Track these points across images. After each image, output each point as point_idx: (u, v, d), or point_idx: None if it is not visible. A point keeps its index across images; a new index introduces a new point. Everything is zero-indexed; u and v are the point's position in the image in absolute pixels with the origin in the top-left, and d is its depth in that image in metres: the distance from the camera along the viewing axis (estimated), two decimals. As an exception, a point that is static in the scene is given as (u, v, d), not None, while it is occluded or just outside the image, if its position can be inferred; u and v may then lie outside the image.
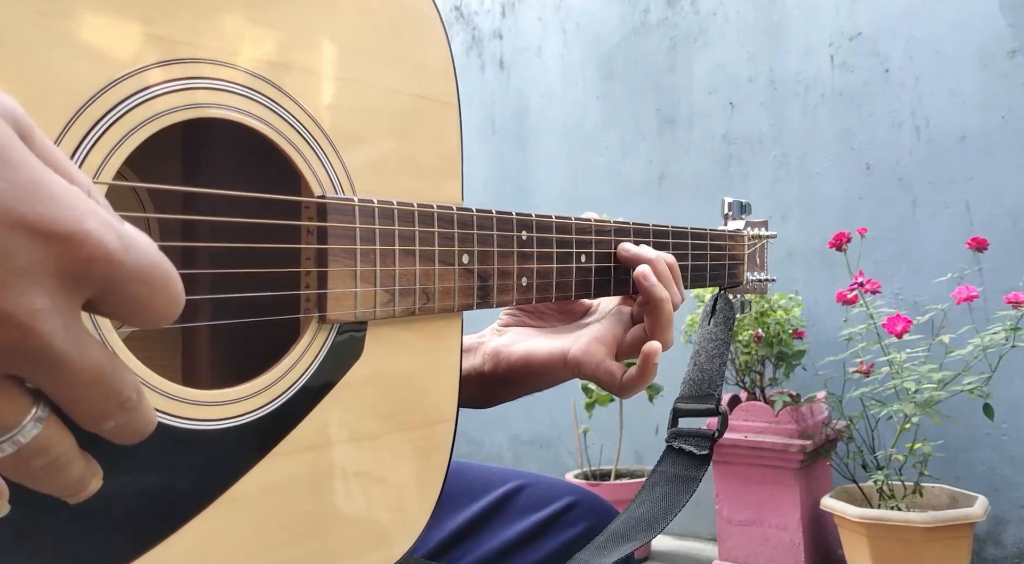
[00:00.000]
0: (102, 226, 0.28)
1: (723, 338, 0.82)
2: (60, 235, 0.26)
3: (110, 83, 0.40)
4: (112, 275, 0.28)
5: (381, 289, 0.52)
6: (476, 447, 3.04)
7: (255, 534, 0.46)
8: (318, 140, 0.49)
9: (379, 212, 0.52)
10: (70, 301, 0.28)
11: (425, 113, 0.56)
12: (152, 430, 0.32)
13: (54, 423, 0.29)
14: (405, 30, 0.55)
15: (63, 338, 0.27)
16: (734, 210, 0.92)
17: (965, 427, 2.04)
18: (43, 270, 0.26)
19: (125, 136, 0.41)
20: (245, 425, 0.46)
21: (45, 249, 0.26)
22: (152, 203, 0.57)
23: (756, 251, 0.90)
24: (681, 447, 0.77)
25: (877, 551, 1.82)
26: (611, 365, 0.69)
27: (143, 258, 0.29)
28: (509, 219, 0.61)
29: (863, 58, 2.30)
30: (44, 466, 0.29)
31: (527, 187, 2.96)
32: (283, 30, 0.48)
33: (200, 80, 0.44)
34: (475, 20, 3.10)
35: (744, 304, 0.92)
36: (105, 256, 0.27)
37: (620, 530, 0.70)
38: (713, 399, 0.78)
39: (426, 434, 0.56)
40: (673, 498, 0.72)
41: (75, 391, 0.29)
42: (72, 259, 0.27)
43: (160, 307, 0.30)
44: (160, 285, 0.30)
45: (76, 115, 0.39)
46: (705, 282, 0.83)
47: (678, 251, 0.78)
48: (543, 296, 0.65)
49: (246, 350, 0.54)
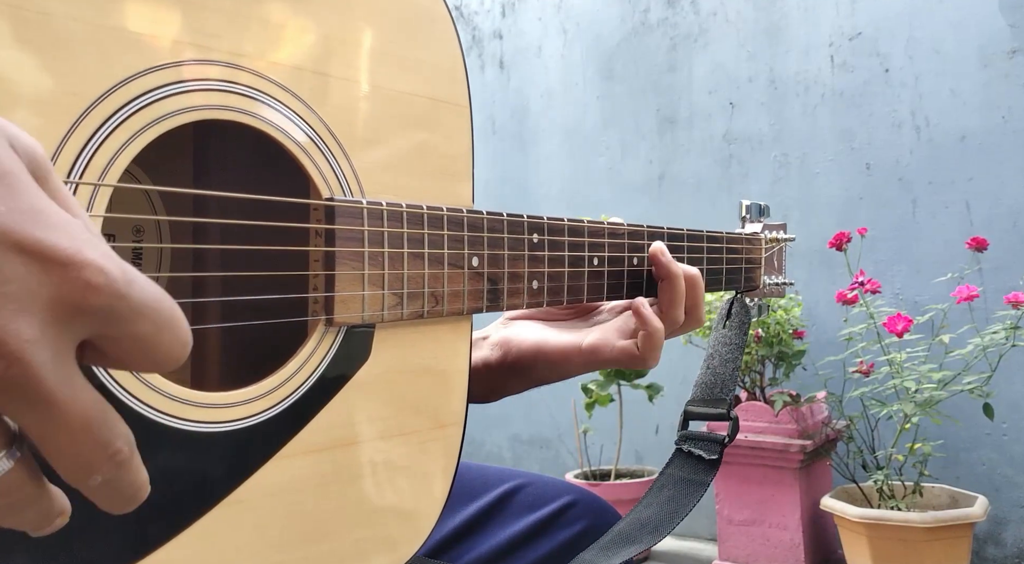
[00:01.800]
0: (103, 257, 0.26)
1: (737, 342, 0.82)
2: (58, 261, 0.25)
3: (117, 84, 0.40)
4: (113, 307, 0.26)
5: (389, 292, 0.52)
6: (476, 447, 3.03)
7: (260, 536, 0.46)
8: (327, 142, 0.49)
9: (388, 214, 0.52)
10: (64, 334, 0.26)
11: (436, 115, 0.56)
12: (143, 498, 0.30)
13: (24, 467, 0.27)
14: (417, 32, 0.55)
15: (52, 373, 0.25)
16: (752, 213, 0.91)
17: (965, 427, 2.04)
18: (37, 298, 0.25)
19: (131, 137, 0.41)
20: (251, 427, 0.46)
21: (41, 275, 0.25)
22: (163, 206, 0.57)
23: (774, 254, 0.90)
24: (690, 451, 0.77)
25: (877, 551, 1.82)
26: (625, 343, 0.69)
27: (147, 293, 0.27)
28: (520, 222, 0.61)
29: (863, 58, 2.30)
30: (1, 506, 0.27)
31: (527, 187, 2.96)
32: (292, 32, 0.48)
33: (208, 82, 0.44)
34: (475, 20, 3.10)
35: (761, 307, 0.91)
36: (105, 285, 0.26)
37: (626, 531, 0.70)
38: (725, 403, 0.78)
39: (434, 437, 0.56)
40: (679, 502, 0.72)
41: (59, 436, 0.26)
42: (69, 288, 0.25)
43: (166, 346, 0.28)
44: (166, 323, 0.28)
45: (82, 116, 0.39)
46: (721, 286, 0.82)
47: (692, 254, 0.77)
48: (554, 299, 0.65)
49: (255, 352, 0.53)
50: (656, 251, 0.72)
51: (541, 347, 0.72)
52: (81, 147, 0.39)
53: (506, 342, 0.74)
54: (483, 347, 0.75)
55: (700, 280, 0.73)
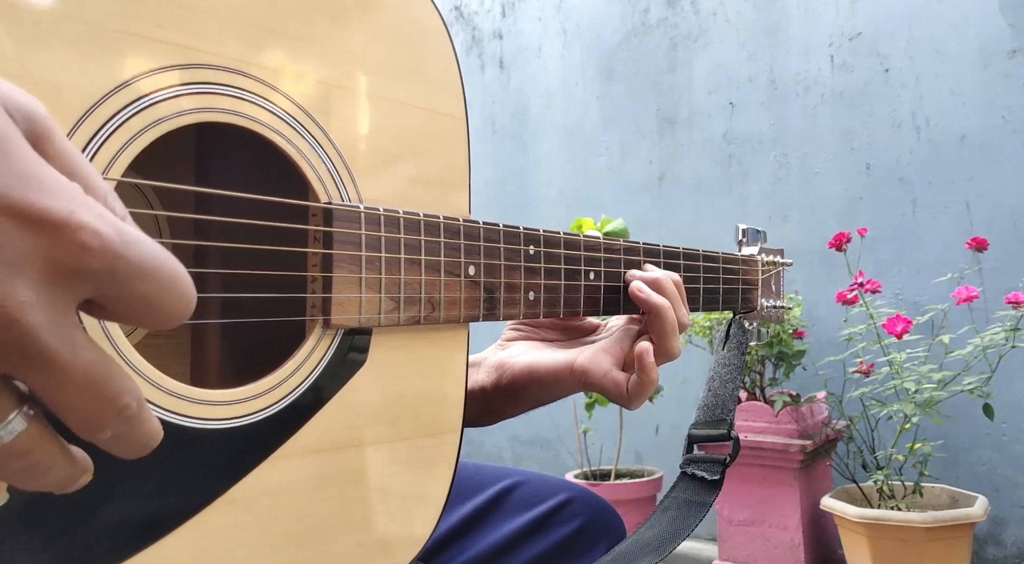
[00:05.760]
0: (97, 219, 0.26)
1: (736, 363, 0.83)
2: (51, 224, 0.25)
3: (120, 85, 0.40)
4: (112, 269, 0.27)
5: (386, 296, 0.52)
6: (476, 447, 3.04)
7: (254, 536, 0.46)
8: (326, 150, 0.50)
9: (384, 220, 0.52)
10: (61, 295, 0.26)
11: (434, 126, 0.56)
12: (156, 444, 0.30)
13: (37, 427, 0.28)
14: (414, 44, 0.55)
15: (51, 334, 0.26)
16: (748, 236, 0.91)
17: (965, 427, 2.05)
18: (31, 261, 0.25)
19: (132, 138, 0.41)
20: (248, 426, 0.46)
21: (35, 239, 0.25)
22: (161, 205, 0.57)
23: (771, 278, 0.90)
24: (694, 473, 0.78)
25: (877, 551, 1.82)
26: (617, 375, 0.68)
27: (146, 253, 0.28)
28: (516, 233, 0.61)
29: (863, 58, 2.30)
30: (22, 470, 0.28)
31: (527, 187, 2.96)
32: (294, 41, 0.48)
33: (209, 86, 0.44)
34: (475, 20, 3.10)
35: (760, 332, 0.91)
36: (101, 247, 0.26)
37: (628, 552, 0.70)
38: (725, 424, 0.79)
39: (431, 444, 0.56)
40: (682, 522, 0.72)
41: (65, 394, 0.27)
42: (64, 250, 0.26)
43: (170, 304, 0.28)
44: (168, 282, 0.28)
45: (85, 115, 0.39)
46: (718, 305, 0.82)
47: (689, 274, 0.77)
48: (551, 311, 0.65)
49: (253, 352, 0.54)
50: (634, 289, 0.69)
51: (534, 368, 0.71)
52: (83, 145, 0.39)
53: (501, 365, 0.73)
54: (480, 371, 0.74)
55: (682, 287, 0.72)
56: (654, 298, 0.69)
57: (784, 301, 0.92)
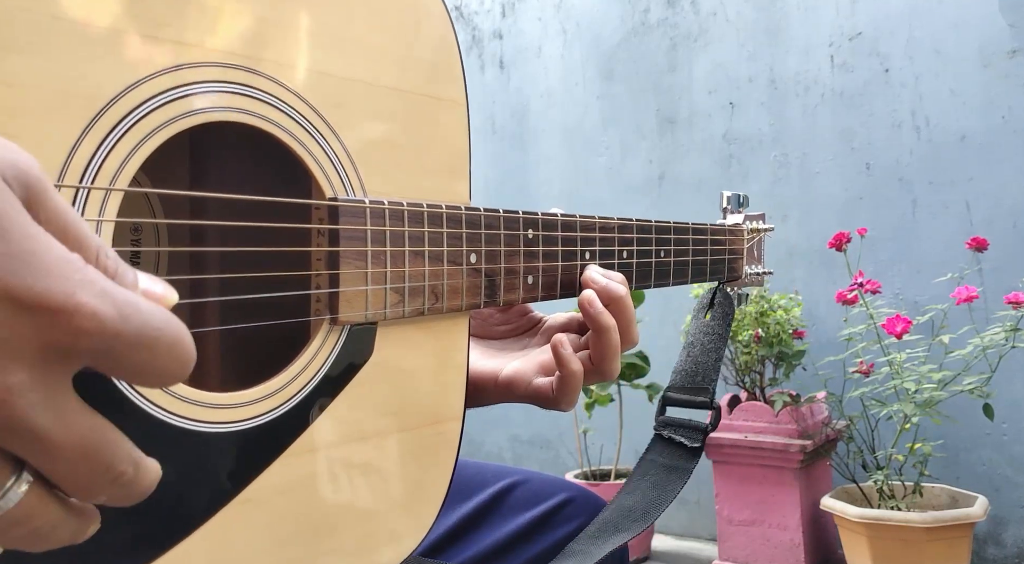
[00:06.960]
0: (95, 298, 0.26)
1: (720, 332, 0.82)
2: (48, 308, 0.25)
3: (125, 88, 0.40)
4: (109, 347, 0.27)
5: (391, 290, 0.52)
6: (476, 447, 3.04)
7: (269, 533, 0.47)
8: (331, 144, 0.50)
9: (390, 213, 0.52)
10: (56, 374, 0.26)
11: (434, 112, 0.56)
12: (151, 492, 0.31)
13: (37, 492, 0.28)
14: (415, 30, 0.55)
15: (43, 412, 0.26)
16: (732, 203, 0.92)
17: (965, 427, 2.05)
18: (26, 343, 0.25)
19: (141, 141, 0.41)
20: (259, 427, 0.46)
21: (31, 322, 0.25)
22: (163, 209, 0.57)
23: (754, 244, 0.91)
24: (671, 437, 0.77)
25: (877, 551, 1.82)
26: (540, 382, 0.64)
27: (145, 323, 0.27)
28: (516, 218, 0.62)
29: (863, 58, 2.30)
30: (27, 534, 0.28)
31: (527, 187, 2.96)
32: (293, 31, 0.48)
33: (212, 83, 0.44)
34: (475, 20, 3.10)
35: (741, 297, 0.92)
36: (99, 329, 0.26)
37: (612, 519, 0.70)
38: (707, 392, 0.78)
39: (435, 431, 0.57)
40: (663, 488, 0.72)
41: (57, 466, 0.27)
42: (60, 333, 0.26)
43: (168, 370, 0.28)
44: (165, 349, 0.28)
45: (93, 120, 0.39)
46: (705, 277, 0.83)
47: (679, 247, 0.78)
48: (548, 294, 0.65)
49: (256, 352, 0.54)
50: (584, 301, 0.63)
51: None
52: (93, 151, 0.39)
53: None
54: None
55: (630, 304, 0.67)
56: (603, 318, 0.63)
57: (765, 267, 0.92)
